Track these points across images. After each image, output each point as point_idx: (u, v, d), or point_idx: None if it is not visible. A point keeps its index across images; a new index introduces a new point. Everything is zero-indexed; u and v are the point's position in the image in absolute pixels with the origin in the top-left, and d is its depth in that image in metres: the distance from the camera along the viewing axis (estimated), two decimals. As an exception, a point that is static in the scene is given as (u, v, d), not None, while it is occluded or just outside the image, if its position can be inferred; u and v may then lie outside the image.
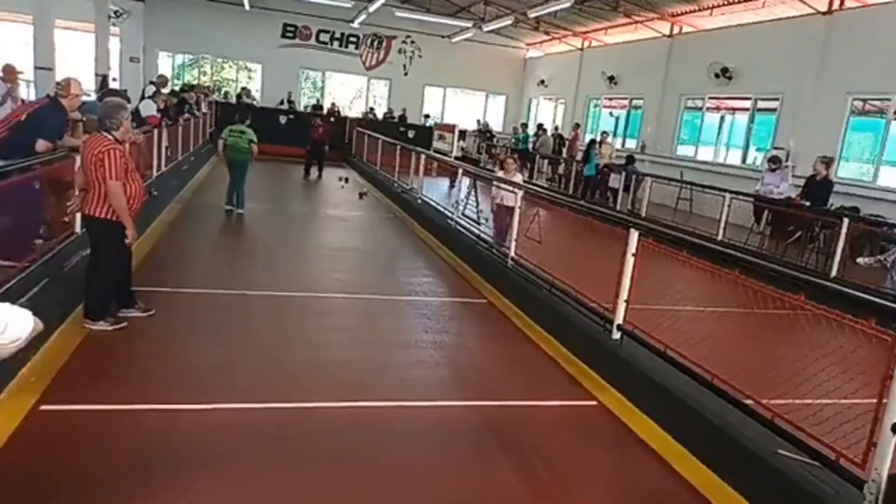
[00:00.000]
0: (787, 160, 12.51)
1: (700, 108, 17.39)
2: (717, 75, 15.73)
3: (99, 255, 4.88)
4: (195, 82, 22.06)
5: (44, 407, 3.58)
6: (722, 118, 17.11)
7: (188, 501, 2.96)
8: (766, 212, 10.87)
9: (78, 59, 19.37)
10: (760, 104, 15.36)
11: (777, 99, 14.45)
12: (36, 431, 3.36)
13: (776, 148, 13.50)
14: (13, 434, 3.28)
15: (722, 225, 10.72)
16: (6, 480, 2.93)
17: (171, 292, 5.88)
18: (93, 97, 11.00)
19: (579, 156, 18.03)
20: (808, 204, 10.05)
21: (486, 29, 21.50)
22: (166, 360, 4.57)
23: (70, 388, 3.85)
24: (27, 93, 12.96)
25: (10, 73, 9.78)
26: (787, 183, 11.29)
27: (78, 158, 5.16)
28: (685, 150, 17.75)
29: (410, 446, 3.78)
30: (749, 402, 3.74)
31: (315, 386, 4.38)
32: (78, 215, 5.52)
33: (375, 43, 25.57)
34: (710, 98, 16.86)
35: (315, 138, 16.20)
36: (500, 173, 8.82)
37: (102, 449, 3.33)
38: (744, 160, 15.76)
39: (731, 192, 11.18)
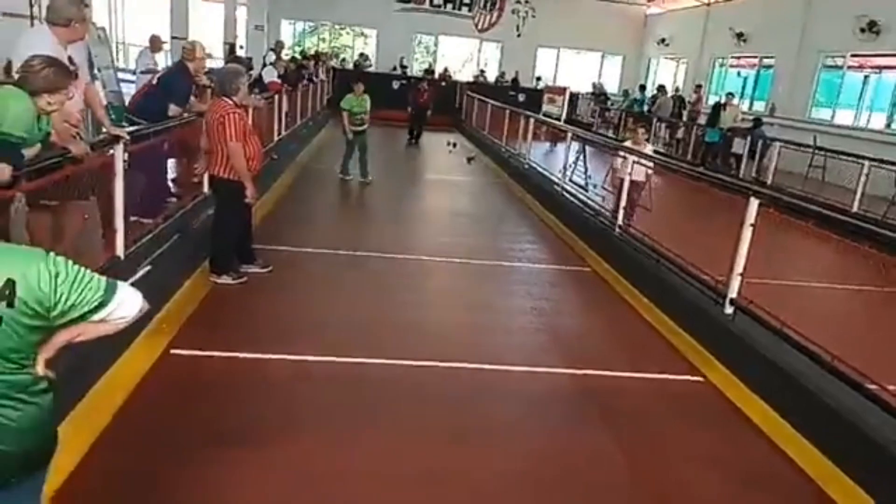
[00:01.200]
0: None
1: (840, 67, 15.85)
2: (862, 30, 14.23)
3: (222, 214, 5.25)
4: (315, 50, 22.78)
5: (173, 351, 3.95)
6: (866, 78, 15.51)
7: (298, 447, 3.18)
8: (910, 182, 9.83)
9: (208, 28, 20.55)
10: (913, 61, 13.78)
11: (934, 55, 12.91)
12: (166, 372, 3.72)
13: (929, 110, 12.11)
14: (147, 373, 3.65)
15: (858, 195, 9.83)
16: (139, 414, 3.28)
17: (289, 251, 6.22)
18: (222, 64, 11.64)
19: (702, 119, 17.05)
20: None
21: (604, -14, 20.59)
22: (282, 314, 4.86)
23: (196, 335, 4.21)
24: (165, 61, 13.95)
25: (156, 43, 10.55)
26: (940, 150, 10.14)
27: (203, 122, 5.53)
28: (821, 113, 16.30)
29: (507, 408, 3.84)
30: (873, 387, 3.48)
31: (417, 346, 4.52)
32: (206, 176, 5.93)
33: (489, 4, 25.19)
34: (852, 56, 15.30)
35: (420, 103, 16.20)
36: (628, 143, 7.88)
37: (221, 392, 3.63)
38: (889, 125, 14.27)
39: (870, 159, 10.19)
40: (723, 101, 15.75)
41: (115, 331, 1.69)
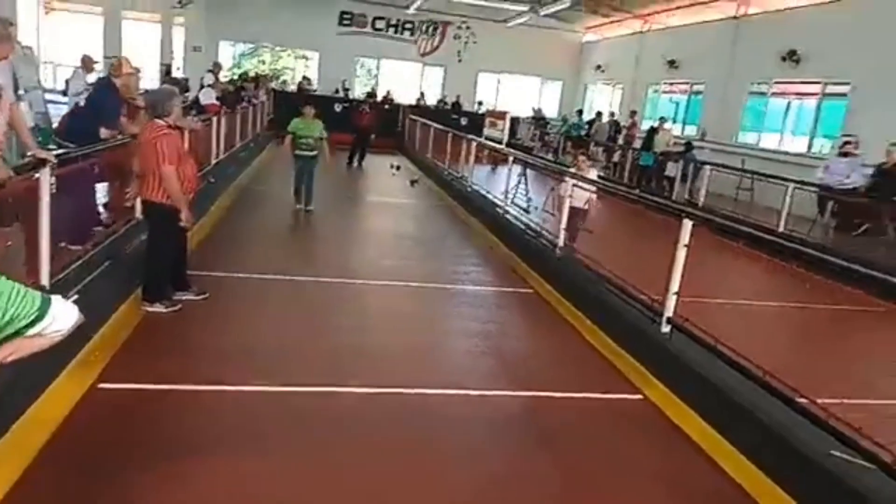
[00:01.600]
0: (856, 148, 11.88)
1: (765, 94, 16.70)
2: (783, 58, 15.06)
3: (155, 239, 5.07)
4: (256, 72, 22.52)
5: (102, 385, 3.75)
6: (788, 104, 16.40)
7: (232, 478, 3.07)
8: (830, 202, 10.38)
9: (144, 48, 20.07)
10: (830, 89, 14.62)
11: (848, 83, 13.73)
12: (95, 405, 3.53)
13: (846, 135, 12.84)
14: (75, 407, 3.46)
15: (784, 216, 10.31)
16: (66, 448, 3.11)
17: (226, 276, 6.05)
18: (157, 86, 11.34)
19: (637, 143, 17.62)
20: (874, 194, 9.58)
21: (542, 13, 21.18)
22: (217, 342, 4.71)
23: (127, 367, 4.02)
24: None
25: (88, 63, 10.21)
26: (857, 173, 10.74)
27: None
28: (748, 138, 17.08)
29: (451, 433, 3.80)
30: (803, 400, 3.61)
31: (361, 371, 4.43)
32: (138, 200, 5.73)
33: (430, 29, 25.54)
34: (775, 83, 16.16)
35: (362, 125, 16.07)
36: (573, 170, 7.87)
37: (153, 426, 3.47)
38: (810, 148, 15.08)
39: (794, 181, 10.73)
40: (656, 125, 16.34)
41: (49, 345, 1.66)
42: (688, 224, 4.84)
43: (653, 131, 15.99)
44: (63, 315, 1.63)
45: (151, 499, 2.84)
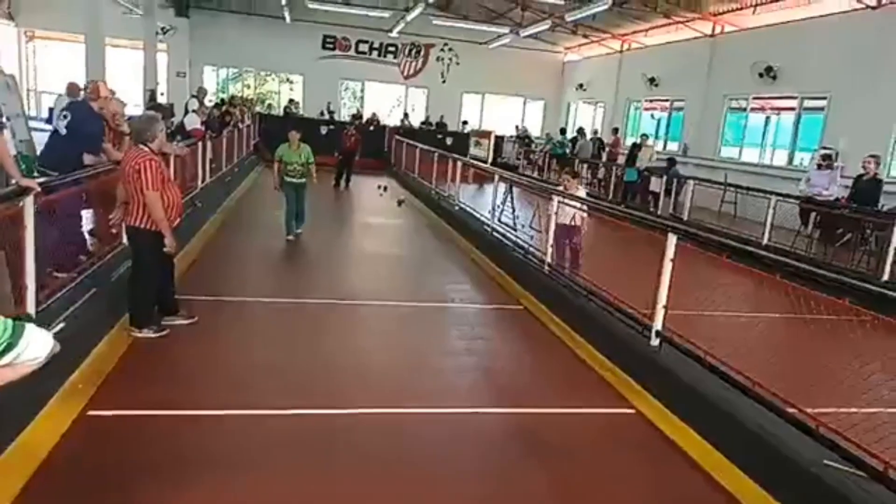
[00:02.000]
0: (836, 161, 12.11)
1: (744, 109, 16.99)
2: (760, 75, 15.36)
3: (140, 265, 5.03)
4: (240, 96, 22.56)
5: (91, 412, 3.71)
6: (767, 119, 16.68)
7: (220, 501, 3.03)
8: (813, 214, 10.54)
9: (127, 74, 20.10)
10: (807, 103, 14.91)
11: (825, 98, 14.01)
12: (83, 436, 3.48)
13: (824, 148, 13.08)
14: (61, 439, 3.40)
15: (767, 228, 10.44)
16: (52, 482, 3.05)
17: (214, 300, 6.02)
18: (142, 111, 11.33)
19: (620, 160, 17.82)
20: (854, 205, 9.74)
21: (523, 34, 21.47)
22: (207, 367, 4.68)
23: (116, 394, 3.97)
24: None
25: (74, 89, 10.19)
26: (836, 184, 10.92)
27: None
28: (729, 152, 17.36)
29: (444, 452, 3.78)
30: (792, 410, 3.64)
31: (351, 392, 4.42)
32: (123, 226, 5.70)
33: (413, 52, 25.79)
34: (754, 98, 16.46)
35: (348, 147, 16.14)
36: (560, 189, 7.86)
37: (142, 453, 3.43)
38: (790, 161, 15.34)
39: (776, 194, 10.88)
40: (639, 142, 16.56)
41: (21, 376, 1.55)
42: (672, 238, 4.90)
43: (636, 147, 16.18)
44: (37, 343, 1.53)
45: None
